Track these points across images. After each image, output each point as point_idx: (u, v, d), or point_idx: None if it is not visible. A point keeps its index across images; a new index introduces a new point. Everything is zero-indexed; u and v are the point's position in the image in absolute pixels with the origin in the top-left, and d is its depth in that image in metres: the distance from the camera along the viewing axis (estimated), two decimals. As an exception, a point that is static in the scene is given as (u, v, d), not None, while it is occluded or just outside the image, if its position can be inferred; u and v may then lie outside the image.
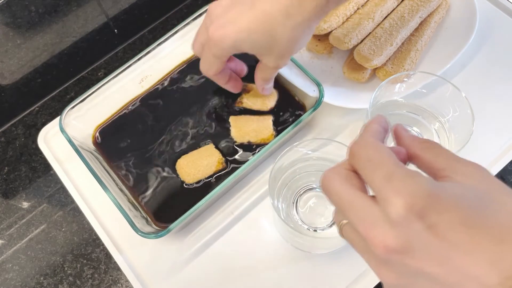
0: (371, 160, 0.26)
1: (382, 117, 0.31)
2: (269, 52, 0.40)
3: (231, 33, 0.38)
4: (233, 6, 0.39)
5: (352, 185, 0.27)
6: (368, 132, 0.29)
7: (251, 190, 0.51)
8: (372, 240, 0.24)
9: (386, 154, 0.26)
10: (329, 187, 0.27)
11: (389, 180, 0.24)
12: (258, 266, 0.47)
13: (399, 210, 0.23)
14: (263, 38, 0.38)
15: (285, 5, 0.37)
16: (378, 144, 0.27)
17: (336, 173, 0.28)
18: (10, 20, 0.52)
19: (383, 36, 0.52)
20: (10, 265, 0.52)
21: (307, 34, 0.40)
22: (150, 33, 0.65)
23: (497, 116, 0.53)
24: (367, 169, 0.26)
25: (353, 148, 0.27)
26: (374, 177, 0.25)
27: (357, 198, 0.26)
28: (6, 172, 0.57)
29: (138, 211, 0.47)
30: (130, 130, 0.53)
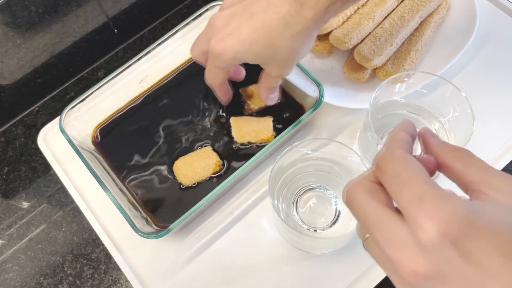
0: (399, 176, 0.24)
1: (409, 122, 0.29)
2: (271, 61, 0.40)
3: (232, 45, 0.39)
4: (233, 18, 0.39)
5: (378, 200, 0.25)
6: (395, 142, 0.26)
7: (251, 190, 0.51)
8: (400, 263, 0.23)
9: (416, 169, 0.24)
10: (353, 201, 0.26)
11: (419, 201, 0.22)
12: (258, 266, 0.47)
13: (431, 235, 0.22)
14: (264, 48, 0.39)
15: (283, 15, 0.37)
16: (406, 158, 0.25)
17: (360, 186, 0.26)
18: (10, 20, 0.52)
19: (383, 36, 0.52)
20: (10, 265, 0.52)
21: (308, 43, 0.40)
22: (150, 33, 0.65)
23: (497, 116, 0.53)
24: (394, 185, 0.24)
25: (379, 160, 0.26)
26: (402, 196, 0.23)
27: (384, 215, 0.24)
28: (6, 172, 0.57)
29: (138, 211, 0.47)
30: (130, 130, 0.53)
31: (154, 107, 0.54)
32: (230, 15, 0.40)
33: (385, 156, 0.26)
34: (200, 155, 0.50)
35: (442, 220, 0.21)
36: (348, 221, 0.47)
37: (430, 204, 0.22)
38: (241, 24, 0.38)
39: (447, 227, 0.21)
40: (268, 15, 0.37)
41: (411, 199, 0.23)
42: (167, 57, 0.55)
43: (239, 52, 0.39)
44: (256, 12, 0.38)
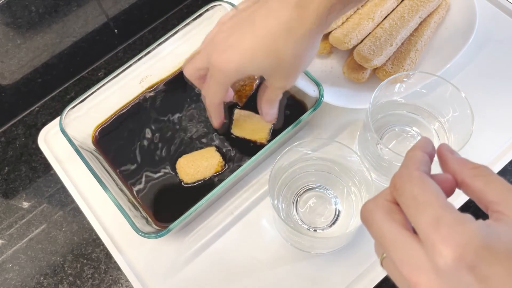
0: (416, 198, 0.24)
1: (428, 141, 0.28)
2: (275, 72, 0.39)
3: (234, 57, 0.37)
4: (235, 30, 0.38)
5: (395, 220, 0.25)
6: (413, 163, 0.26)
7: (251, 190, 0.51)
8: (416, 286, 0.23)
9: (433, 192, 0.24)
10: (370, 221, 0.26)
11: (436, 225, 0.22)
12: (258, 266, 0.47)
13: (447, 260, 0.22)
14: (268, 58, 0.37)
15: (285, 20, 0.36)
16: (423, 180, 0.25)
17: (377, 205, 0.26)
18: (10, 20, 0.52)
19: (383, 36, 0.52)
20: (10, 265, 0.52)
21: (311, 48, 0.38)
22: (150, 33, 0.65)
23: (497, 116, 0.53)
24: (411, 208, 0.24)
25: (396, 181, 0.26)
26: (419, 219, 0.23)
27: (401, 236, 0.24)
28: (6, 172, 0.57)
29: (138, 211, 0.48)
30: (130, 130, 0.53)
31: (154, 107, 0.54)
32: (230, 28, 0.39)
33: (402, 177, 0.25)
34: (203, 154, 0.50)
35: (458, 245, 0.22)
36: (348, 221, 0.47)
37: (447, 229, 0.22)
38: (242, 35, 0.37)
39: (464, 252, 0.21)
40: (269, 21, 0.36)
41: (428, 223, 0.23)
42: (167, 57, 0.55)
43: (242, 63, 0.37)
44: (257, 20, 0.37)
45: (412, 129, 0.51)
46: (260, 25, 0.37)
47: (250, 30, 0.37)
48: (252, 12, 0.38)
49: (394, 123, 0.51)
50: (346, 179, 0.47)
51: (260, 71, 0.39)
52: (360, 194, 0.46)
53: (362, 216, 0.27)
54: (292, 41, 0.36)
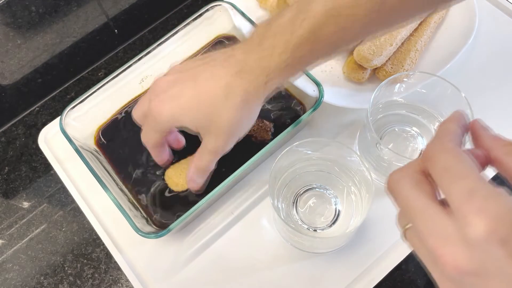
0: (449, 170, 0.23)
1: (462, 114, 0.28)
2: (208, 131, 0.40)
3: (169, 108, 0.39)
4: (177, 83, 0.40)
5: (423, 191, 0.24)
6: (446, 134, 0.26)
7: (251, 190, 0.51)
8: (442, 257, 0.23)
9: (468, 165, 0.23)
10: (396, 190, 0.26)
11: (470, 197, 0.22)
12: (258, 266, 0.47)
13: (479, 232, 0.21)
14: (203, 115, 0.39)
15: (224, 85, 0.38)
16: (458, 152, 0.24)
17: (406, 175, 0.26)
18: (11, 20, 0.52)
19: (383, 36, 0.52)
20: (10, 265, 0.52)
21: (247, 117, 0.40)
22: (150, 33, 0.65)
23: (497, 116, 0.53)
24: (444, 178, 0.24)
25: (430, 152, 0.25)
26: (452, 190, 0.23)
27: (429, 207, 0.24)
28: (7, 172, 0.57)
29: (139, 211, 0.48)
30: (130, 130, 0.53)
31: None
32: (174, 80, 0.40)
33: (435, 148, 0.25)
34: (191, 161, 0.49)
35: (492, 218, 0.21)
36: (348, 221, 0.47)
37: (481, 201, 0.22)
38: (183, 90, 0.39)
39: (497, 225, 0.21)
40: (210, 83, 0.38)
41: (462, 194, 0.22)
42: (168, 57, 0.55)
43: (176, 115, 0.39)
44: (200, 80, 0.39)
45: (412, 129, 0.51)
46: (201, 84, 0.39)
47: (191, 87, 0.39)
48: (198, 71, 0.40)
49: (394, 123, 0.51)
50: (346, 179, 0.47)
51: (194, 127, 0.40)
52: (360, 194, 0.46)
53: (389, 185, 0.26)
54: (229, 106, 0.38)
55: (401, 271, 0.47)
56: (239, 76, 0.37)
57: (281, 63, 0.36)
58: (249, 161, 0.46)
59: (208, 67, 0.39)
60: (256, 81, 0.37)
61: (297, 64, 0.37)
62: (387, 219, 0.48)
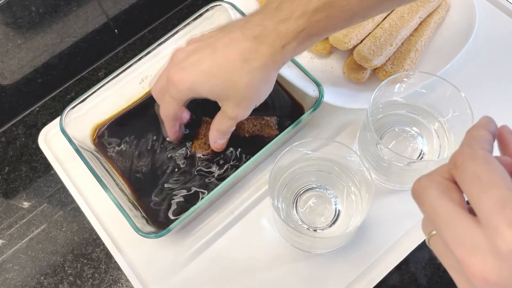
0: (479, 178, 0.23)
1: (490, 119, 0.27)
2: (227, 97, 0.41)
3: (190, 75, 0.40)
4: (196, 52, 0.41)
5: (451, 199, 0.24)
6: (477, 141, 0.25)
7: (251, 190, 0.51)
8: (470, 268, 0.22)
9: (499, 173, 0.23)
10: (423, 197, 0.25)
11: (502, 207, 0.21)
12: (258, 266, 0.47)
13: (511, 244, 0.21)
14: (222, 82, 0.39)
15: (243, 50, 0.38)
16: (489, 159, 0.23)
17: (433, 181, 0.25)
18: (11, 20, 0.52)
19: (383, 36, 0.52)
20: (10, 264, 0.52)
21: (265, 82, 0.40)
22: (150, 33, 0.65)
23: (497, 116, 0.52)
24: (474, 187, 0.23)
25: (459, 158, 0.24)
26: (482, 200, 0.22)
27: (457, 215, 0.23)
28: (7, 172, 0.57)
29: (139, 211, 0.48)
30: (131, 130, 0.53)
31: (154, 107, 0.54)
32: (193, 49, 0.41)
33: (465, 155, 0.24)
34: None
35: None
36: (348, 221, 0.47)
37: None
38: (202, 57, 0.40)
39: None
40: (229, 49, 0.39)
41: (492, 204, 0.22)
42: (168, 57, 0.55)
43: (196, 82, 0.40)
44: (219, 47, 0.39)
45: (412, 129, 0.51)
46: (220, 51, 0.39)
47: (211, 54, 0.40)
48: (216, 39, 0.40)
49: (394, 123, 0.51)
50: (346, 179, 0.47)
51: (213, 94, 0.41)
52: (360, 194, 0.46)
53: (414, 191, 0.26)
54: (247, 71, 0.39)
55: (401, 271, 0.47)
56: (257, 40, 0.38)
57: (298, 28, 0.37)
58: (249, 161, 0.46)
59: (226, 33, 0.40)
60: (274, 46, 0.38)
61: (314, 30, 0.38)
62: (387, 219, 0.48)
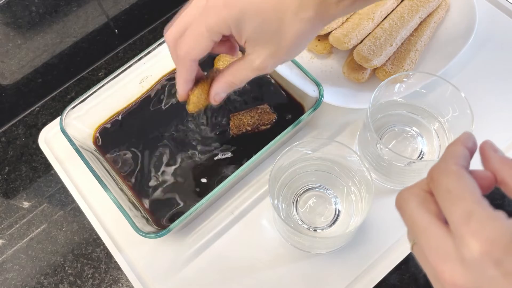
0: (450, 191, 0.25)
1: (469, 135, 0.29)
2: (267, 42, 0.35)
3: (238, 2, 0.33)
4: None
5: (428, 210, 0.26)
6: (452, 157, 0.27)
7: (251, 190, 0.51)
8: (441, 274, 0.24)
9: (468, 187, 0.24)
10: (403, 208, 0.27)
11: (467, 219, 0.23)
12: (258, 266, 0.47)
13: (474, 253, 0.22)
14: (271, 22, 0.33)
15: None
16: (460, 174, 0.25)
17: (412, 194, 0.27)
18: (11, 21, 0.52)
19: (383, 36, 0.52)
20: (10, 264, 0.52)
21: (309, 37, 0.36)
22: (151, 33, 0.65)
23: (497, 116, 0.53)
24: (445, 200, 0.25)
25: (434, 173, 0.26)
26: (451, 211, 0.24)
27: (432, 226, 0.25)
28: (7, 172, 0.57)
29: (139, 211, 0.48)
30: (131, 130, 0.53)
31: (154, 106, 0.54)
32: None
33: (439, 170, 0.26)
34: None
35: (487, 240, 0.22)
36: (348, 221, 0.47)
37: (477, 223, 0.23)
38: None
39: (492, 247, 0.22)
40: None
41: (460, 216, 0.24)
42: (168, 57, 0.54)
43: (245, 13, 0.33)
44: None
45: (412, 129, 0.51)
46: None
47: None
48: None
49: (394, 123, 0.51)
50: (346, 179, 0.47)
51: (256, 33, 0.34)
52: (360, 194, 0.46)
53: (397, 203, 0.28)
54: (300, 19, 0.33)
55: (401, 271, 0.47)
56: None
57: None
58: (249, 161, 0.46)
59: None
60: None
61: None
62: (387, 219, 0.48)
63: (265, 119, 0.51)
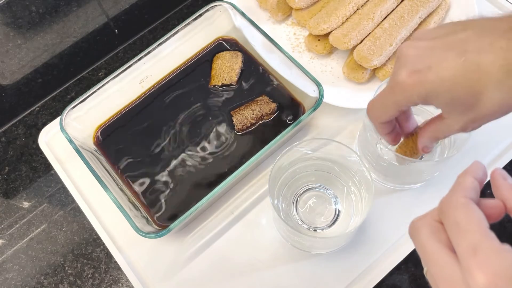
0: (458, 224, 0.26)
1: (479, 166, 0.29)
2: (464, 112, 0.32)
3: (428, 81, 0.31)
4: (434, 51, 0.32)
5: (439, 240, 0.27)
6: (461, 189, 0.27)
7: (251, 190, 0.51)
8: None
9: (476, 220, 0.25)
10: (415, 237, 0.28)
11: (474, 252, 0.24)
12: (258, 265, 0.47)
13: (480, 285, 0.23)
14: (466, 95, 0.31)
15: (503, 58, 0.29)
16: (468, 207, 0.26)
17: (424, 224, 0.28)
18: (11, 20, 0.52)
19: (383, 36, 0.52)
20: (10, 264, 0.52)
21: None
22: (151, 34, 0.65)
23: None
24: (453, 232, 0.26)
25: (443, 205, 0.27)
26: (459, 243, 0.25)
27: (441, 255, 0.26)
28: (7, 172, 0.57)
29: (139, 211, 0.48)
30: (131, 130, 0.53)
31: (154, 107, 0.54)
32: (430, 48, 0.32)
33: (448, 202, 0.27)
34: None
35: (492, 273, 0.23)
36: (348, 221, 0.47)
37: (483, 256, 0.24)
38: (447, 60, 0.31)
39: (496, 280, 0.23)
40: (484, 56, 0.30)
41: (467, 248, 0.24)
42: (168, 58, 0.55)
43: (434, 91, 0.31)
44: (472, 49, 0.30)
45: (412, 129, 0.51)
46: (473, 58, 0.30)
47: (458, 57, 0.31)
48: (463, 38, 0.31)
49: (394, 123, 0.51)
50: (346, 179, 0.47)
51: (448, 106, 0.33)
52: (360, 194, 0.46)
53: (410, 232, 0.29)
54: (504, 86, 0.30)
55: (401, 271, 0.47)
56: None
57: None
58: (249, 161, 0.46)
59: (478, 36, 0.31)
60: None
61: None
62: (387, 219, 0.48)
63: (267, 109, 0.52)
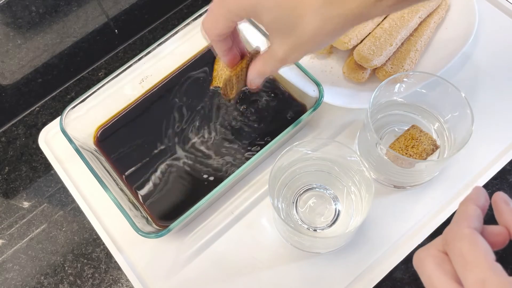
0: (464, 257, 0.25)
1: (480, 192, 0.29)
2: (286, 35, 0.34)
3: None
4: None
5: (444, 271, 0.26)
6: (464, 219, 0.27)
7: (251, 190, 0.51)
8: None
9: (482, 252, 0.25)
10: (421, 268, 0.28)
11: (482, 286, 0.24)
12: (258, 266, 0.47)
13: None
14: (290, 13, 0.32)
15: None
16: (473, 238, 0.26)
17: (429, 255, 0.28)
18: (11, 20, 0.52)
19: (383, 36, 0.52)
20: (10, 264, 0.52)
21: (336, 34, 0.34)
22: (151, 33, 0.65)
23: (497, 116, 0.53)
24: (459, 264, 0.25)
25: (448, 236, 0.27)
26: (466, 277, 0.25)
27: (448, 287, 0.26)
28: (7, 172, 0.57)
29: (139, 211, 0.48)
30: (131, 130, 0.53)
31: (154, 107, 0.54)
32: None
33: (453, 232, 0.27)
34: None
35: None
36: (348, 220, 0.47)
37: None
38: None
39: None
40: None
41: (474, 283, 0.24)
42: (168, 57, 0.55)
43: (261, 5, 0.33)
44: None
45: (412, 129, 0.51)
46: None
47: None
48: None
49: (394, 123, 0.51)
50: (346, 179, 0.47)
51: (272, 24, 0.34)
52: (360, 194, 0.46)
53: (415, 263, 0.28)
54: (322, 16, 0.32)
55: (401, 271, 0.47)
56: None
57: None
58: (249, 161, 0.46)
59: None
60: None
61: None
62: (387, 219, 0.48)
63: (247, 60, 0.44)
